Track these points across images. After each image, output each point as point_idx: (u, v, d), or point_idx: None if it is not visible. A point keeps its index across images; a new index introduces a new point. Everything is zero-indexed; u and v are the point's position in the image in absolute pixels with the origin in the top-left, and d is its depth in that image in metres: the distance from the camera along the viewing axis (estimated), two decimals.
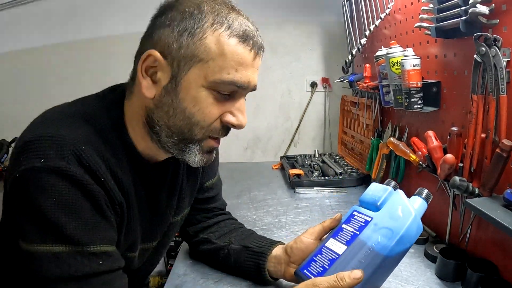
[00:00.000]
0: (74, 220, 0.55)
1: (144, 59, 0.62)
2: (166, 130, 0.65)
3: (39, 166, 0.54)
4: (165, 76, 0.62)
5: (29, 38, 1.99)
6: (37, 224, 0.54)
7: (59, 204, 0.54)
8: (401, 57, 1.01)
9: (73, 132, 0.58)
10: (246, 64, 0.63)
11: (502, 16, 0.72)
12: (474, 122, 0.76)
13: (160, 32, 0.62)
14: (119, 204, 0.63)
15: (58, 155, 0.55)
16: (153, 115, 0.65)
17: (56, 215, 0.54)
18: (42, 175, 0.54)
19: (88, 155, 0.57)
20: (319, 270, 0.65)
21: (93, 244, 0.57)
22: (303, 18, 1.96)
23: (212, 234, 0.90)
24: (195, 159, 0.67)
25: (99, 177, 0.58)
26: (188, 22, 0.60)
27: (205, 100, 0.63)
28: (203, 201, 0.92)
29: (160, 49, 0.61)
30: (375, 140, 1.37)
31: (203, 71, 0.61)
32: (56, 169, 0.54)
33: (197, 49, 0.60)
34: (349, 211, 0.70)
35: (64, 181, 0.54)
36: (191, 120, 0.63)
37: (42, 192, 0.54)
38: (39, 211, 0.53)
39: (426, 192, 0.66)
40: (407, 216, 0.61)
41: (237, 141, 2.12)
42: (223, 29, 0.61)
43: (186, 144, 0.66)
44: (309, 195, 1.40)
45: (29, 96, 2.00)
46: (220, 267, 0.87)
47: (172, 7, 0.63)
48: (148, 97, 0.63)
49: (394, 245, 0.59)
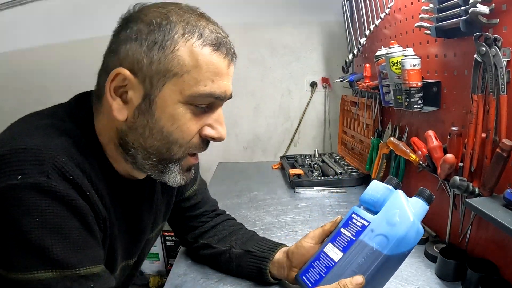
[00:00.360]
0: (61, 241, 0.49)
1: (112, 78, 0.57)
2: (142, 152, 0.61)
3: (17, 184, 0.47)
4: (137, 95, 0.58)
5: (29, 37, 1.99)
6: (19, 250, 0.48)
7: (43, 224, 0.48)
8: (401, 57, 1.01)
9: (49, 143, 0.53)
10: (221, 74, 0.60)
11: (502, 16, 0.72)
12: (474, 122, 0.76)
13: (126, 48, 0.57)
14: (103, 219, 0.59)
15: (36, 170, 0.49)
16: (127, 137, 0.60)
17: (40, 237, 0.48)
18: (22, 194, 0.47)
19: (70, 167, 0.52)
20: (316, 277, 0.65)
21: (82, 266, 0.51)
22: (303, 18, 1.95)
23: (212, 238, 0.88)
24: (175, 179, 0.64)
25: (84, 191, 0.53)
26: (157, 34, 0.56)
27: (183, 116, 0.59)
28: (191, 209, 0.90)
29: (129, 66, 0.57)
30: (375, 140, 1.37)
31: (178, 86, 0.57)
32: (36, 185, 0.48)
33: (170, 62, 0.56)
34: (349, 212, 0.70)
35: (47, 199, 0.49)
36: (169, 139, 0.60)
37: (23, 213, 0.48)
38: (20, 234, 0.47)
39: (428, 193, 0.63)
40: (404, 222, 0.59)
41: (237, 141, 2.12)
42: (195, 38, 0.57)
43: (165, 164, 0.62)
44: (309, 195, 1.40)
45: (29, 96, 2.00)
46: (222, 270, 0.86)
47: (136, 19, 0.58)
48: (120, 120, 0.59)
49: (389, 252, 0.58)
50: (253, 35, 1.99)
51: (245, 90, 2.03)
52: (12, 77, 2.05)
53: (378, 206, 0.64)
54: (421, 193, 0.64)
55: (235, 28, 2.00)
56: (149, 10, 0.59)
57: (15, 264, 0.48)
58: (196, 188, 0.91)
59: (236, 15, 1.94)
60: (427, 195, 0.63)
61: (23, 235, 0.48)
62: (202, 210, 0.92)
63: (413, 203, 0.63)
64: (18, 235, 0.48)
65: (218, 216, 0.94)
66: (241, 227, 0.93)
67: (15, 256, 0.48)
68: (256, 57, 2.01)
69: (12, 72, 2.05)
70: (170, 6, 0.59)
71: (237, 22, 1.95)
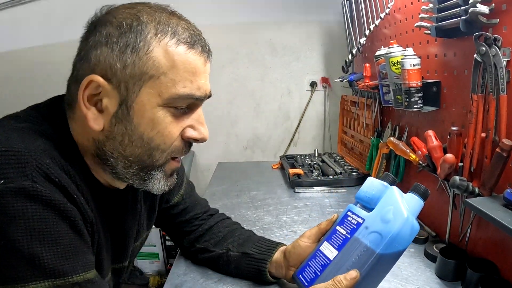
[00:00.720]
0: (51, 248, 0.46)
1: (84, 87, 0.54)
2: (123, 161, 0.58)
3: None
4: (113, 103, 0.55)
5: (29, 37, 1.99)
6: (6, 260, 0.44)
7: (31, 232, 0.45)
8: (401, 56, 1.01)
9: (30, 145, 0.49)
10: (199, 73, 0.57)
11: (502, 15, 0.72)
12: (474, 122, 0.76)
13: (97, 53, 0.54)
14: (91, 223, 0.56)
15: (19, 173, 0.46)
16: (105, 147, 0.57)
17: (29, 246, 0.45)
18: (6, 200, 0.44)
19: (54, 169, 0.49)
20: (312, 276, 0.66)
21: (75, 273, 0.48)
22: (303, 18, 1.95)
23: (207, 242, 0.87)
24: (158, 186, 0.61)
25: (71, 193, 0.50)
26: (129, 36, 0.53)
27: (163, 120, 0.56)
28: (181, 214, 0.88)
29: (101, 72, 0.54)
30: (375, 139, 1.37)
31: (156, 89, 0.54)
32: (20, 190, 0.45)
33: (145, 65, 0.53)
34: (345, 210, 0.69)
35: (33, 204, 0.45)
36: (150, 145, 0.57)
37: (8, 220, 0.44)
38: (7, 243, 0.44)
39: (423, 189, 0.62)
40: (398, 219, 0.58)
41: (237, 140, 2.12)
42: (168, 37, 0.54)
43: (147, 172, 0.59)
44: (309, 195, 1.40)
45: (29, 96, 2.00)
46: (221, 272, 0.85)
47: (104, 22, 0.55)
48: (96, 130, 0.55)
49: (383, 249, 0.57)
50: (253, 35, 1.99)
51: (245, 90, 2.03)
52: (12, 76, 2.05)
53: (374, 203, 0.64)
54: (416, 189, 0.63)
55: (235, 28, 2.02)
56: (117, 11, 0.56)
57: (2, 277, 0.45)
58: (182, 193, 0.89)
59: (236, 15, 1.94)
60: (422, 190, 0.62)
61: (10, 245, 0.44)
62: (193, 214, 0.89)
63: (408, 199, 0.62)
64: (4, 245, 0.44)
65: (211, 217, 0.92)
66: (236, 227, 0.91)
67: (2, 268, 0.45)
68: (256, 57, 2.01)
69: (12, 72, 2.04)
70: (139, 5, 0.57)
71: (237, 22, 1.96)
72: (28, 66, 2.03)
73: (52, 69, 2.00)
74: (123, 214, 0.70)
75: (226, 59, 1.99)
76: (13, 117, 0.58)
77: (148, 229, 0.83)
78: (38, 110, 0.60)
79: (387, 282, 0.80)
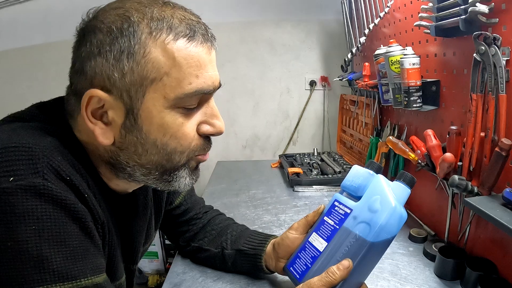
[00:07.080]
0: (61, 250, 0.44)
1: (86, 103, 0.51)
2: (141, 170, 0.56)
3: (8, 187, 0.42)
4: (119, 113, 0.52)
5: (28, 36, 1.99)
6: (13, 263, 0.42)
7: (40, 232, 0.43)
8: (400, 55, 1.01)
9: (41, 141, 0.47)
10: (204, 65, 0.53)
11: (501, 15, 0.72)
12: (473, 121, 0.76)
13: (92, 65, 0.50)
14: (101, 224, 0.53)
15: (30, 170, 0.44)
16: (119, 157, 0.55)
17: (38, 247, 0.43)
18: (15, 198, 0.42)
19: (66, 167, 0.47)
20: (303, 268, 0.65)
21: (84, 277, 0.46)
22: (302, 17, 1.95)
23: (202, 241, 0.87)
24: (185, 183, 0.59)
25: (82, 193, 0.48)
26: (121, 41, 0.49)
27: (173, 123, 0.53)
28: (183, 215, 0.89)
29: (100, 84, 0.51)
30: (374, 138, 1.37)
31: (160, 91, 0.51)
32: (31, 188, 0.43)
33: (144, 69, 0.50)
34: (331, 200, 0.68)
35: (44, 203, 0.43)
36: (166, 150, 0.54)
37: (17, 220, 0.42)
38: (15, 245, 0.42)
39: (409, 177, 0.61)
40: (386, 209, 0.58)
41: (236, 139, 2.12)
42: (164, 33, 0.50)
43: (171, 174, 0.57)
44: (308, 194, 1.41)
45: (29, 95, 2.00)
46: (219, 270, 0.86)
47: (93, 29, 0.51)
48: (107, 144, 0.53)
49: (373, 239, 0.57)
50: (252, 33, 1.99)
51: (244, 89, 2.03)
52: (12, 75, 2.04)
53: (360, 192, 0.63)
54: (402, 176, 0.62)
55: (235, 27, 2.02)
56: (104, 15, 0.52)
57: (9, 279, 0.42)
58: (184, 195, 0.89)
59: (235, 14, 1.94)
60: (409, 178, 0.62)
61: (18, 246, 0.42)
62: (193, 214, 0.90)
63: (395, 187, 0.61)
64: (12, 247, 0.42)
65: (205, 214, 0.92)
66: (228, 223, 0.91)
67: (9, 270, 0.42)
68: (255, 55, 2.01)
69: (12, 71, 2.04)
70: (127, 2, 0.52)
71: (237, 21, 1.95)
72: (28, 65, 2.03)
73: (52, 68, 2.00)
74: (133, 218, 0.68)
75: (225, 57, 1.99)
76: (18, 116, 0.57)
77: (156, 231, 0.83)
78: (44, 111, 0.58)
79: (386, 281, 0.81)
